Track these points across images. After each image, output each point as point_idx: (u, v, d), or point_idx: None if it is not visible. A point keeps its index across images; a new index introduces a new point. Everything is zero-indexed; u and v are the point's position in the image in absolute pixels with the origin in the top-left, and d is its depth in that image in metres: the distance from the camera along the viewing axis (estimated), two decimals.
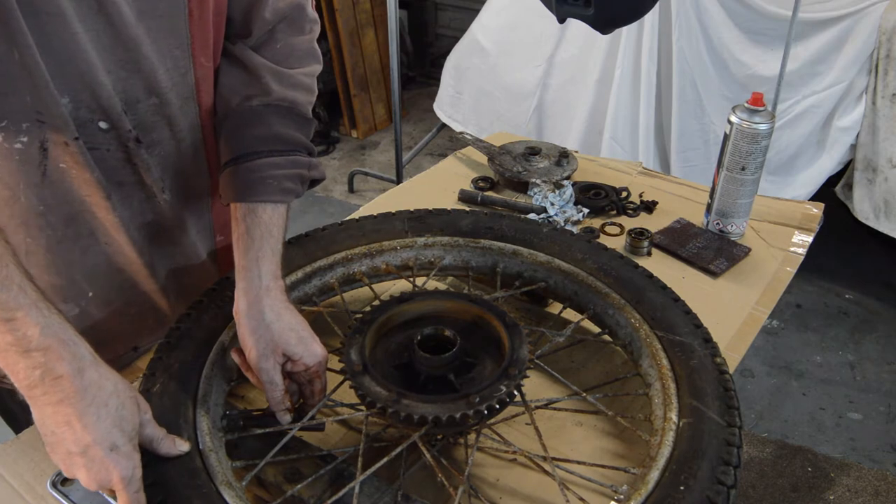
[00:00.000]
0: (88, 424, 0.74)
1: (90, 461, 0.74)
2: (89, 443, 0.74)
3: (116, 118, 0.91)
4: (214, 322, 0.95)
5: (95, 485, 0.75)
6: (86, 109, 0.89)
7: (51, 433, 0.75)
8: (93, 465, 0.74)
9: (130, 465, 0.75)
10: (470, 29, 3.30)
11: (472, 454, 0.84)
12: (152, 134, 0.96)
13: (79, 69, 0.86)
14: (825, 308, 3.04)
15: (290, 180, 0.97)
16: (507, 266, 1.11)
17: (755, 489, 2.19)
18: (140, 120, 0.94)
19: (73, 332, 0.75)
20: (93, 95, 0.88)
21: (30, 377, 0.73)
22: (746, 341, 1.12)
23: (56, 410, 0.74)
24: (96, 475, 0.74)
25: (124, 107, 0.92)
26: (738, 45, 2.85)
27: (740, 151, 1.30)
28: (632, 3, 1.31)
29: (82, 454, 0.74)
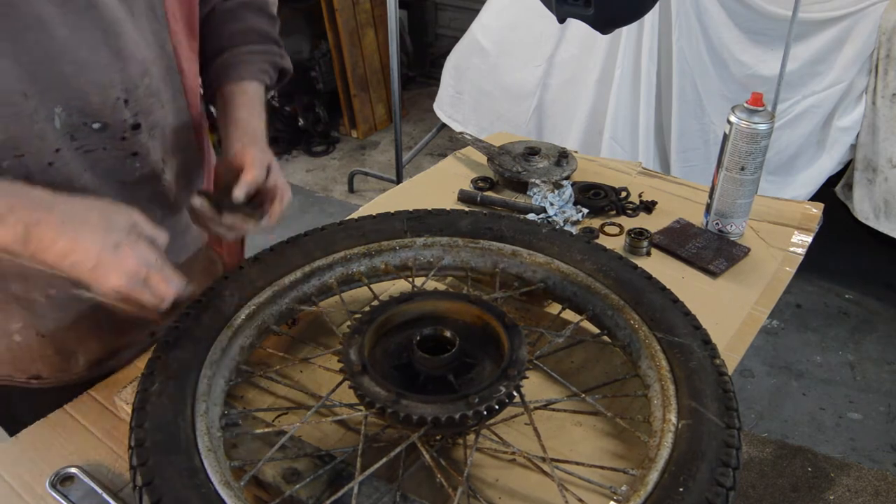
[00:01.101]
0: (86, 240, 0.81)
1: (111, 265, 0.82)
2: (97, 251, 0.81)
3: (109, 114, 0.93)
4: (213, 322, 0.95)
5: (125, 285, 0.82)
6: (78, 114, 0.90)
7: (69, 266, 0.82)
8: (113, 266, 0.82)
9: (142, 251, 0.83)
10: (470, 29, 3.30)
11: (471, 455, 0.84)
12: (150, 116, 0.98)
13: (66, 76, 0.87)
14: (825, 308, 3.04)
15: (267, 64, 1.13)
16: (506, 266, 1.11)
17: (755, 489, 2.19)
18: (141, 106, 0.96)
19: (28, 187, 0.82)
20: (83, 97, 0.90)
21: (16, 236, 0.80)
22: (746, 341, 1.12)
23: (59, 249, 0.81)
24: (122, 271, 0.82)
25: (125, 97, 0.93)
26: (738, 45, 2.85)
27: (740, 151, 1.30)
28: (632, 3, 1.31)
29: (101, 264, 0.81)
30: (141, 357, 1.07)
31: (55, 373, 1.08)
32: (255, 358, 1.05)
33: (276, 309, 1.03)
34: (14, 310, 1.01)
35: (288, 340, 1.10)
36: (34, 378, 1.08)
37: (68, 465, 0.89)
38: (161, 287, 0.86)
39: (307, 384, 1.03)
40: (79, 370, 1.09)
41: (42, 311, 1.02)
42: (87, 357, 1.09)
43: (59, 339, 1.05)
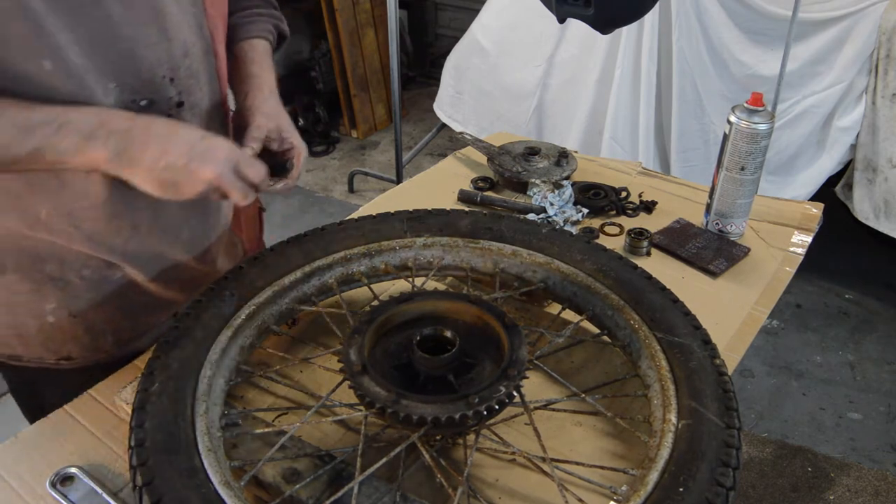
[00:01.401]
0: (174, 139, 0.90)
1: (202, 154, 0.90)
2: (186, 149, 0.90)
3: (156, 91, 0.97)
4: (213, 322, 0.95)
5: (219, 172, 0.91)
6: (129, 91, 0.95)
7: (162, 170, 0.89)
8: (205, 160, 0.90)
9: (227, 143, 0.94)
10: (470, 29, 3.30)
11: (471, 455, 0.84)
12: (191, 96, 1.03)
13: (120, 52, 0.92)
14: (825, 308, 3.04)
15: (270, 25, 1.21)
16: (506, 266, 1.11)
17: (755, 489, 2.19)
18: (183, 85, 1.01)
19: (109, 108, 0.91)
20: (135, 74, 0.94)
21: (109, 148, 0.87)
22: (746, 341, 1.12)
23: (146, 155, 0.88)
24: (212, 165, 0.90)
25: (171, 75, 0.98)
26: (738, 45, 2.85)
27: (740, 151, 1.30)
28: (632, 3, 1.31)
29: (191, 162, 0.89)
30: (141, 357, 1.07)
31: (85, 352, 1.11)
32: (255, 358, 1.05)
33: (276, 309, 1.03)
34: (48, 290, 1.04)
35: (288, 340, 1.10)
36: (64, 359, 1.11)
37: (68, 465, 0.89)
38: (250, 173, 0.95)
39: (307, 384, 1.03)
40: (108, 349, 1.12)
41: (76, 292, 1.05)
42: (116, 337, 1.12)
43: (90, 319, 1.08)
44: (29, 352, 1.10)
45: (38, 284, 1.03)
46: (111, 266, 1.05)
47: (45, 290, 1.04)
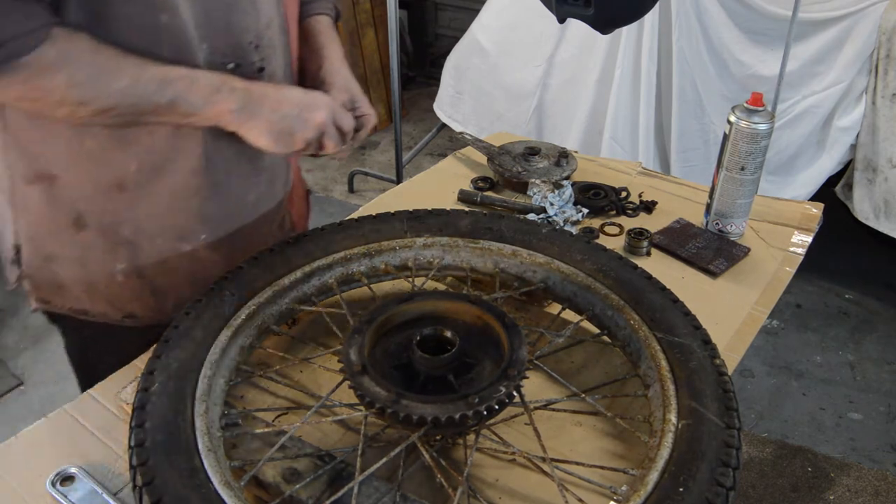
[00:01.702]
0: (284, 92, 1.04)
1: (307, 108, 1.03)
2: (296, 100, 1.04)
3: (242, 55, 1.05)
4: (214, 322, 0.95)
5: (322, 119, 1.04)
6: (219, 54, 1.02)
7: (279, 119, 1.01)
8: (310, 108, 1.03)
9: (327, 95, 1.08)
10: (470, 29, 3.30)
11: (471, 455, 0.84)
12: (270, 64, 1.10)
13: (215, 15, 1.00)
14: (825, 308, 3.04)
15: (331, 3, 1.31)
16: (506, 266, 1.11)
17: (755, 489, 2.19)
18: (264, 53, 1.08)
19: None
20: (227, 38, 1.03)
21: (235, 101, 0.99)
22: (746, 341, 1.12)
23: (263, 108, 1.00)
24: (317, 112, 1.03)
25: (256, 42, 1.06)
26: (738, 45, 2.85)
27: (740, 151, 1.30)
28: (632, 4, 1.31)
29: (301, 111, 1.02)
30: (141, 357, 1.07)
31: (148, 312, 1.17)
32: (255, 358, 1.05)
33: (276, 309, 1.03)
34: (121, 251, 1.10)
35: (288, 340, 1.10)
36: (128, 317, 1.17)
37: (68, 465, 0.89)
38: (344, 122, 1.07)
39: (307, 384, 1.03)
40: (168, 312, 1.16)
41: (146, 256, 1.11)
42: (177, 301, 1.16)
43: (156, 282, 1.14)
44: (95, 307, 1.16)
45: (112, 244, 1.10)
46: (183, 237, 1.13)
47: (118, 250, 1.10)
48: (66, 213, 1.07)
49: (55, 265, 1.12)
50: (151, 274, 1.13)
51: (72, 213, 1.07)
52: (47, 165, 1.04)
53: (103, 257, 1.10)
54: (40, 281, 1.15)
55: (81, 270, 1.12)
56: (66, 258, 1.11)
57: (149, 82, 0.93)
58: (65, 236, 1.09)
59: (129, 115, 0.96)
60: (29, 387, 2.65)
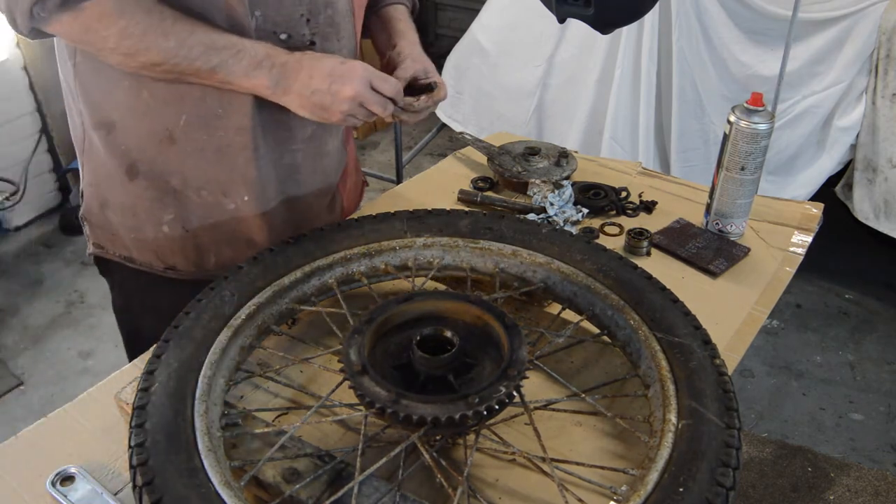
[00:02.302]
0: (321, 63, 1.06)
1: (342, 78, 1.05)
2: (330, 69, 1.05)
3: (294, 27, 1.10)
4: (213, 322, 0.95)
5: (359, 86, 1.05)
6: (271, 23, 1.08)
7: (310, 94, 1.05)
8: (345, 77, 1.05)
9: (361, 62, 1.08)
10: (470, 29, 3.30)
11: (471, 455, 0.84)
12: (326, 43, 1.15)
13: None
14: (825, 308, 3.04)
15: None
16: (506, 267, 1.11)
17: (755, 489, 2.19)
18: (318, 30, 1.13)
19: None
20: (279, 8, 1.08)
21: (271, 79, 1.05)
22: (746, 341, 1.12)
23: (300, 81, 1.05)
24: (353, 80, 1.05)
25: (308, 16, 1.11)
26: (738, 45, 2.85)
27: (740, 151, 1.30)
28: (632, 4, 1.31)
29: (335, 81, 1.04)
30: (141, 357, 1.07)
31: (189, 267, 1.24)
32: (255, 358, 1.05)
33: (276, 309, 1.03)
34: (169, 202, 1.18)
35: (288, 340, 1.10)
36: (170, 268, 1.24)
37: (68, 465, 0.89)
38: (384, 87, 1.07)
39: (307, 384, 1.03)
40: (209, 269, 1.24)
41: (192, 209, 1.19)
42: (218, 259, 1.24)
43: (199, 237, 1.21)
44: (141, 256, 1.24)
45: (161, 194, 1.17)
46: (226, 194, 1.18)
47: (167, 200, 1.18)
48: (121, 161, 1.15)
49: (109, 211, 1.22)
50: (195, 228, 1.20)
51: (126, 161, 1.15)
52: (108, 113, 1.13)
53: (151, 206, 1.18)
54: (96, 226, 1.26)
55: (132, 218, 1.20)
56: (119, 205, 1.20)
57: (194, 46, 1.00)
58: (118, 183, 1.18)
59: (174, 73, 1.03)
60: (29, 387, 2.66)
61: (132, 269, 1.26)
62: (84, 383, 2.50)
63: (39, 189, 3.48)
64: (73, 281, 3.17)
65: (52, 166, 3.51)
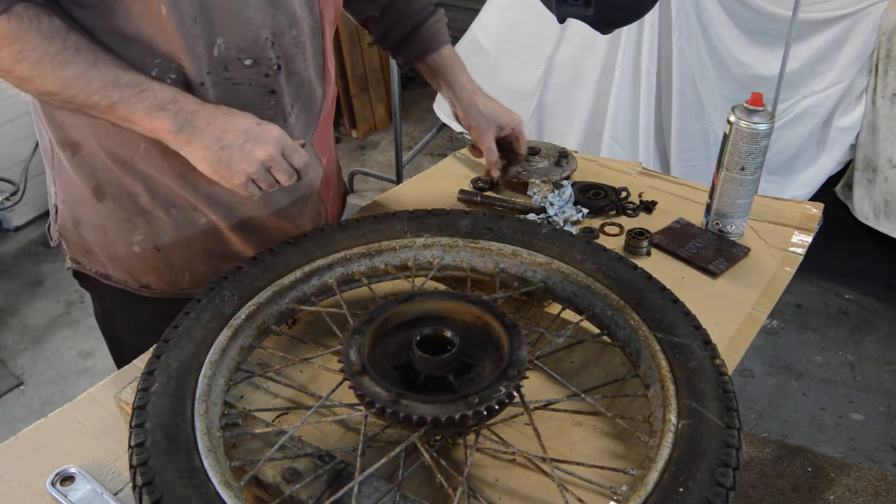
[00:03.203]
0: (235, 119, 1.01)
1: (255, 139, 1.00)
2: (245, 128, 1.00)
3: (260, 52, 1.07)
4: (213, 322, 0.95)
5: (271, 151, 1.00)
6: (235, 49, 1.05)
7: (219, 149, 0.99)
8: (259, 139, 1.00)
9: (277, 127, 1.03)
10: (470, 29, 3.30)
11: (471, 455, 0.84)
12: (291, 64, 1.12)
13: (234, 11, 1.02)
14: (825, 308, 3.04)
15: (444, 27, 1.42)
16: (506, 267, 1.11)
17: (755, 489, 2.19)
18: (284, 52, 1.10)
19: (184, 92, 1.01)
20: (243, 34, 1.05)
21: (175, 123, 0.98)
22: (746, 341, 1.12)
23: (209, 132, 0.99)
24: (266, 144, 1.00)
25: (272, 39, 1.08)
26: (738, 45, 2.85)
27: (740, 151, 1.30)
28: (632, 4, 1.31)
29: (248, 141, 1.00)
30: (141, 357, 1.07)
31: (163, 286, 1.23)
32: (255, 358, 1.05)
33: (276, 309, 1.03)
34: (138, 222, 1.17)
35: (288, 340, 1.10)
36: (144, 287, 1.24)
37: (68, 465, 0.89)
38: (294, 158, 1.03)
39: (307, 384, 1.03)
40: (184, 287, 1.23)
41: (162, 228, 1.17)
42: (193, 277, 1.23)
43: (172, 255, 1.20)
44: (116, 273, 1.23)
45: (130, 214, 1.16)
46: (196, 209, 1.17)
47: (136, 221, 1.17)
48: (88, 181, 1.14)
49: (82, 229, 1.21)
50: (167, 246, 1.19)
51: (93, 182, 1.14)
52: (72, 134, 1.11)
53: (121, 227, 1.17)
54: (71, 242, 1.25)
55: (103, 238, 1.20)
56: (91, 224, 1.19)
57: (94, 80, 0.96)
58: (88, 203, 1.17)
59: (73, 104, 0.99)
60: (29, 387, 2.66)
61: (109, 285, 1.25)
62: (84, 383, 2.51)
63: (39, 189, 3.48)
64: (73, 281, 3.15)
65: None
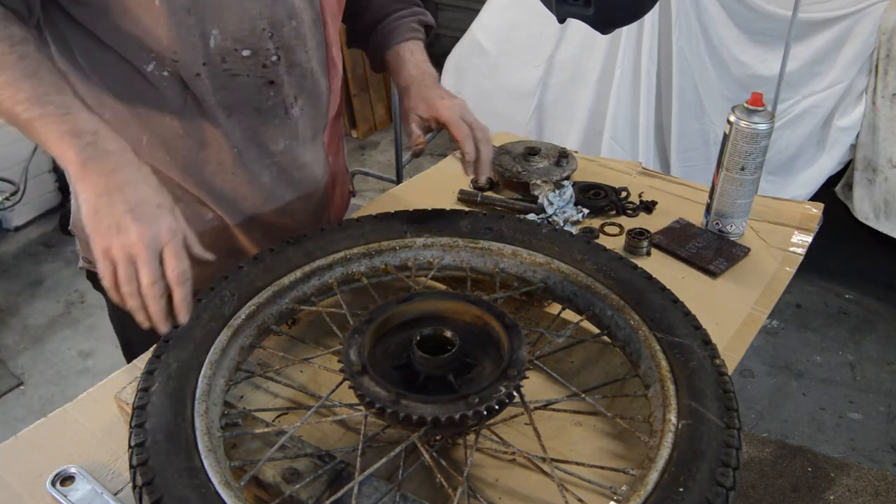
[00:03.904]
0: (139, 186, 0.85)
1: (140, 216, 0.83)
2: (140, 200, 0.84)
3: (257, 43, 1.06)
4: (213, 322, 0.95)
5: (147, 238, 0.82)
6: (231, 40, 1.04)
7: (96, 202, 0.84)
8: (144, 219, 0.83)
9: (176, 223, 0.85)
10: (470, 29, 3.30)
11: (471, 455, 0.84)
12: (292, 56, 1.11)
13: (228, 1, 1.01)
14: (825, 308, 3.04)
15: (415, 23, 1.30)
16: (506, 267, 1.11)
17: (755, 489, 2.19)
18: (283, 43, 1.09)
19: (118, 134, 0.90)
20: (239, 25, 1.03)
21: (83, 153, 0.85)
22: (746, 341, 1.12)
23: (108, 179, 0.85)
24: (148, 227, 0.82)
25: (270, 30, 1.06)
26: (738, 45, 2.85)
27: (740, 151, 1.30)
28: (632, 4, 1.31)
29: (131, 212, 0.83)
30: (141, 357, 1.07)
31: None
32: (255, 358, 1.05)
33: (276, 309, 1.03)
34: None
35: (288, 340, 1.10)
36: None
37: (68, 465, 0.89)
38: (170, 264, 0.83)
39: (307, 384, 1.03)
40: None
41: None
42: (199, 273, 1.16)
43: None
44: None
45: None
46: (203, 204, 1.16)
47: None
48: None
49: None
50: None
51: None
52: None
53: None
54: (83, 241, 1.24)
55: None
56: None
57: (23, 90, 0.87)
58: None
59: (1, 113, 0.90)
60: (29, 387, 2.66)
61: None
62: (84, 383, 2.51)
63: (39, 189, 3.48)
64: (73, 281, 3.17)
65: (51, 166, 3.51)
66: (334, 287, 1.09)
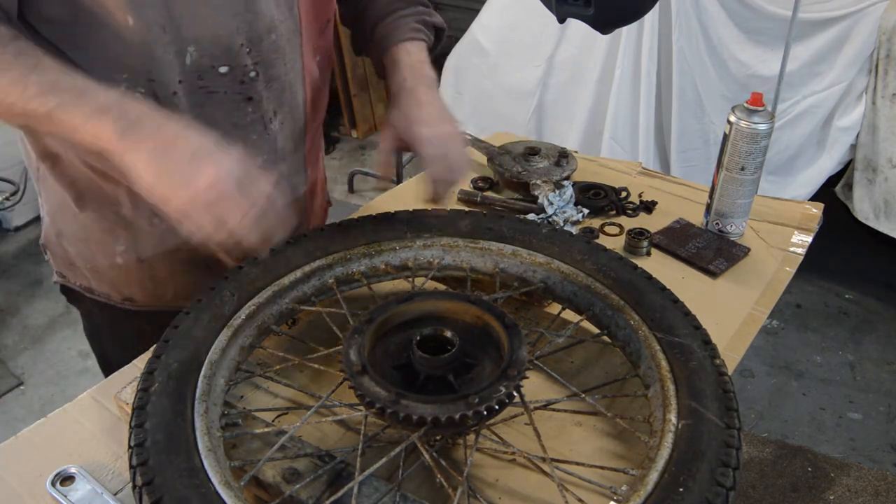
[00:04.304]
0: (189, 134, 0.86)
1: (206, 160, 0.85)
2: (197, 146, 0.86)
3: (234, 59, 1.02)
4: (214, 322, 0.95)
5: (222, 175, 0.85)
6: (208, 57, 1.00)
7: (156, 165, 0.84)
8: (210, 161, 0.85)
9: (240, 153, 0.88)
10: (470, 29, 3.31)
11: (471, 455, 0.84)
12: (271, 70, 1.08)
13: (204, 17, 0.97)
14: (825, 308, 3.04)
15: (417, 23, 1.22)
16: (506, 267, 1.11)
17: (755, 489, 2.19)
18: (262, 57, 1.05)
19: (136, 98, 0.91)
20: (216, 41, 1.00)
21: (117, 125, 0.84)
22: (746, 341, 1.12)
23: (155, 139, 0.84)
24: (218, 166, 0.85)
25: (248, 46, 1.03)
26: (738, 45, 2.86)
27: (740, 151, 1.30)
28: (632, 4, 1.31)
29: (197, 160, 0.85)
30: (141, 357, 1.07)
31: (147, 299, 1.20)
32: (255, 358, 1.05)
33: (276, 309, 1.03)
34: (120, 232, 1.14)
35: (288, 340, 1.10)
36: (128, 300, 1.21)
37: (68, 465, 0.89)
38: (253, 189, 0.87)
39: (307, 384, 1.03)
40: (168, 300, 1.20)
41: (144, 238, 1.14)
42: (176, 289, 1.20)
43: (155, 267, 1.17)
44: (99, 287, 1.20)
45: (112, 224, 1.13)
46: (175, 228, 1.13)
47: (118, 231, 1.13)
48: (70, 191, 1.11)
49: (65, 241, 1.18)
50: (150, 258, 1.16)
51: (74, 191, 1.11)
52: (50, 144, 1.08)
53: (103, 237, 1.14)
54: (56, 255, 1.22)
55: (86, 249, 1.17)
56: (73, 235, 1.17)
57: (32, 85, 0.85)
58: (70, 214, 1.14)
59: (13, 116, 0.89)
60: (29, 387, 2.66)
61: (94, 299, 1.22)
62: (84, 383, 2.51)
63: None
64: None
65: None
66: (334, 287, 1.09)
